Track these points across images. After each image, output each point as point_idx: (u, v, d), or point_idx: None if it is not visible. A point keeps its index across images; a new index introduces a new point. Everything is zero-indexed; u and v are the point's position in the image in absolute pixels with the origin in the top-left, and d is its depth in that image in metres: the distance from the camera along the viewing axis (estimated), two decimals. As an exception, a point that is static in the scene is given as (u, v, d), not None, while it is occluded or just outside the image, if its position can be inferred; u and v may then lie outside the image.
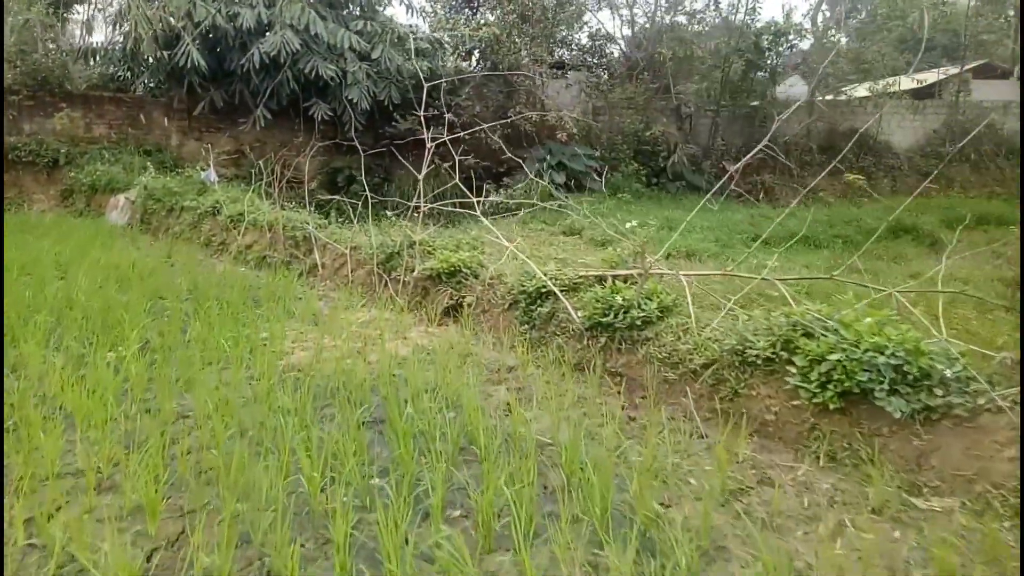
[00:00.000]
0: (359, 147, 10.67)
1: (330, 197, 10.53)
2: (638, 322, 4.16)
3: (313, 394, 3.87)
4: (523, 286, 5.13)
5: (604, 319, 4.30)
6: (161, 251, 9.01)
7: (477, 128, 15.20)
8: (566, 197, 14.49)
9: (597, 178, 15.64)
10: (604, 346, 4.32)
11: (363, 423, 3.67)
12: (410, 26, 15.99)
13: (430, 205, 7.10)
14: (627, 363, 4.19)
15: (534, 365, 4.59)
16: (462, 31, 14.80)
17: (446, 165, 15.55)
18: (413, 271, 6.19)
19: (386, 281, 6.39)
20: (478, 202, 11.13)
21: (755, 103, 16.56)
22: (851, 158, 16.63)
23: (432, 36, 16.01)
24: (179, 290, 6.61)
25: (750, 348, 3.58)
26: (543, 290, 4.96)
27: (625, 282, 4.87)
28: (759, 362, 3.54)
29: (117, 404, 3.75)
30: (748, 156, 5.73)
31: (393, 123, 14.85)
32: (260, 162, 10.59)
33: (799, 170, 16.40)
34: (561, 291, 4.85)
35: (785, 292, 4.10)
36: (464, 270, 5.84)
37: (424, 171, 7.07)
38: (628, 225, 6.39)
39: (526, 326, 5.01)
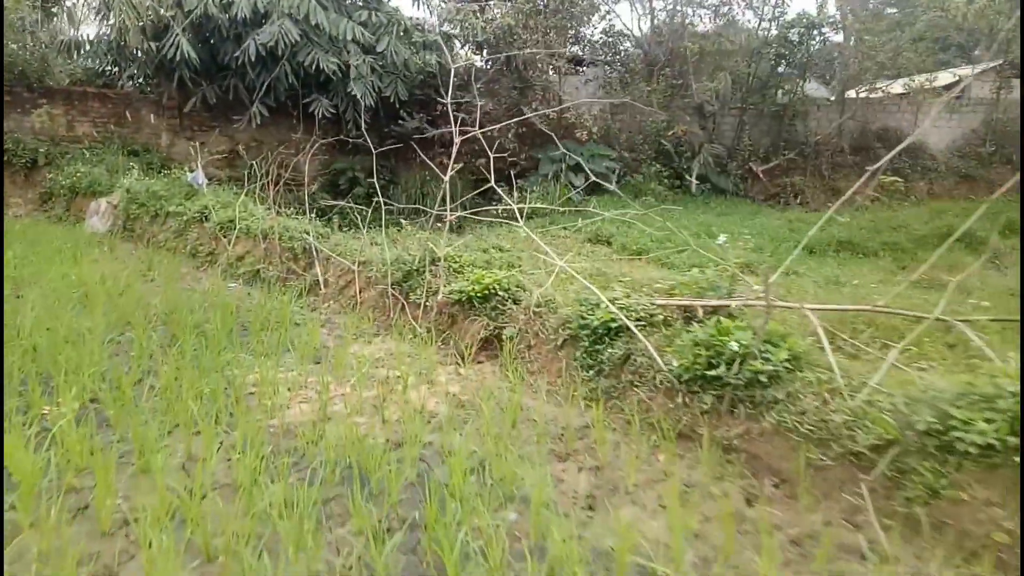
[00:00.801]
0: (370, 145, 9.49)
1: (333, 203, 9.35)
2: (762, 377, 2.99)
3: (318, 479, 2.69)
4: (584, 318, 3.95)
5: (711, 371, 3.13)
6: (141, 263, 7.82)
7: (493, 127, 14.06)
8: (585, 200, 13.35)
9: (616, 180, 14.46)
10: (711, 408, 3.15)
11: (388, 529, 2.49)
12: (416, 19, 14.81)
13: (457, 214, 5.87)
14: (746, 434, 3.03)
15: (608, 427, 3.42)
16: (472, 22, 13.61)
17: (457, 167, 14.41)
18: (436, 293, 5.01)
19: (402, 304, 5.21)
20: (499, 209, 10.01)
21: (783, 101, 15.40)
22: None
23: (441, 29, 14.84)
24: (154, 314, 5.42)
25: (956, 429, 2.42)
26: (612, 324, 3.78)
27: (715, 313, 3.70)
28: (973, 451, 2.37)
29: (30, 503, 2.57)
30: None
31: (400, 121, 13.66)
32: (255, 163, 9.39)
33: (830, 172, 15.24)
34: (637, 326, 3.67)
35: (974, 338, 2.93)
36: (501, 293, 4.66)
37: (450, 172, 5.87)
38: (719, 240, 5.19)
39: (590, 371, 3.83)
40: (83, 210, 11.08)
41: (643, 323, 3.71)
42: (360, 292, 5.64)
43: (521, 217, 12.67)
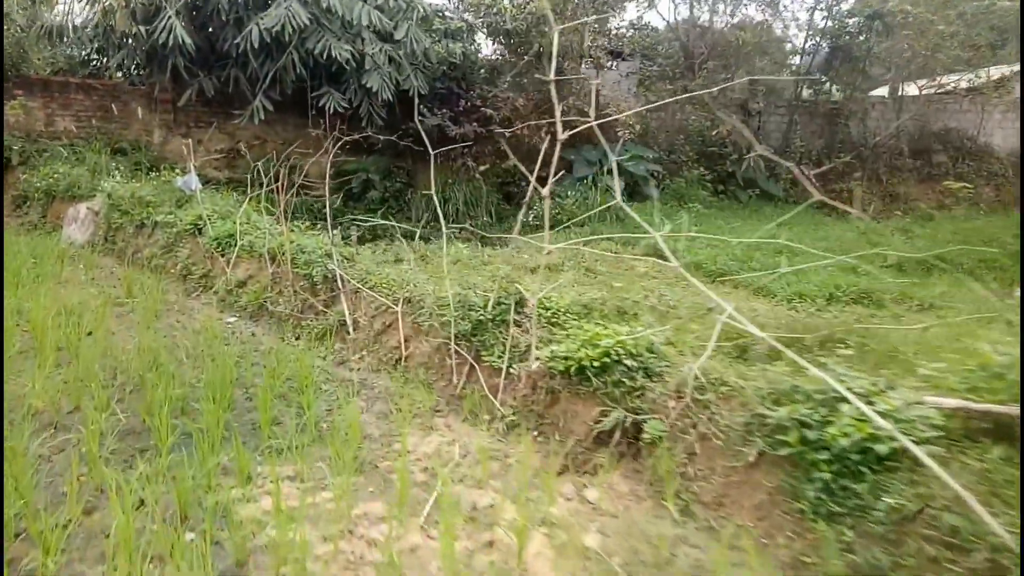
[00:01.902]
0: (397, 142, 7.93)
1: (365, 219, 7.83)
2: None
3: None
4: (810, 426, 2.38)
5: None
6: (120, 286, 6.25)
7: (523, 124, 12.49)
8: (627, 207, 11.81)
9: (656, 184, 12.92)
10: None
11: None
12: (436, 5, 13.21)
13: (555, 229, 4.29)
14: None
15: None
16: (501, 7, 12.04)
17: (482, 168, 12.87)
18: (526, 356, 3.44)
19: (470, 365, 3.66)
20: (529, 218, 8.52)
21: (837, 99, 13.88)
22: (948, 163, 13.98)
23: (463, 17, 13.26)
24: (122, 375, 3.87)
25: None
26: (875, 444, 2.22)
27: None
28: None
29: None
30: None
31: (420, 117, 12.05)
32: (259, 164, 7.81)
33: (888, 176, 13.73)
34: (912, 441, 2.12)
35: None
36: (628, 363, 3.11)
37: (551, 181, 4.31)
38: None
39: (834, 523, 2.26)
40: (60, 217, 9.50)
41: (913, 439, 2.17)
42: (405, 342, 4.09)
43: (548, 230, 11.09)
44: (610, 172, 12.14)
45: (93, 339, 4.62)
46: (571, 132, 3.92)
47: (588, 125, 3.86)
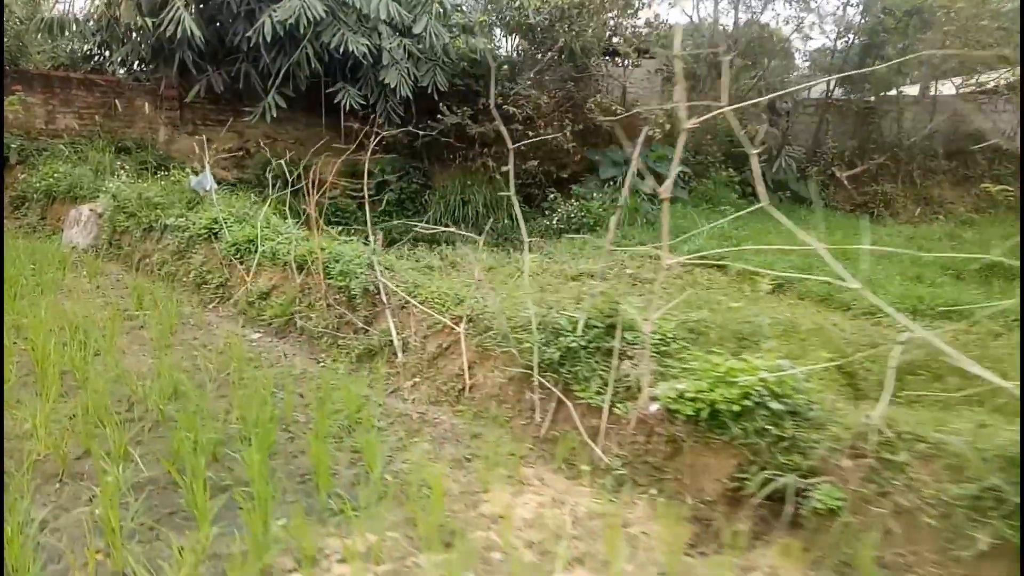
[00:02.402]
0: (410, 141, 7.33)
1: (433, 226, 7.25)
2: None
3: None
4: None
5: None
6: (128, 296, 5.62)
7: (546, 123, 11.87)
8: (657, 210, 11.19)
9: (683, 186, 12.32)
10: None
11: None
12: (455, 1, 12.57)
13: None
14: None
15: None
16: (524, 0, 11.42)
17: (504, 169, 12.21)
18: (637, 395, 2.81)
19: (557, 398, 3.03)
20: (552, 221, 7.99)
21: (872, 97, 13.29)
22: (983, 164, 13.40)
23: (485, 8, 12.63)
24: (139, 398, 3.26)
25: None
26: None
27: None
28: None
29: None
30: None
31: (439, 116, 11.45)
32: (273, 164, 7.18)
33: (923, 179, 13.15)
34: None
35: None
36: (772, 405, 2.49)
37: (670, 180, 3.68)
38: None
39: None
40: (61, 219, 8.86)
41: None
42: (469, 369, 3.46)
43: (555, 232, 10.49)
44: (639, 174, 11.51)
45: (102, 362, 3.98)
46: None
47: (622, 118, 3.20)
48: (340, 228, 11.00)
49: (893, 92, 13.08)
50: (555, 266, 7.76)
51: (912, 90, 14.41)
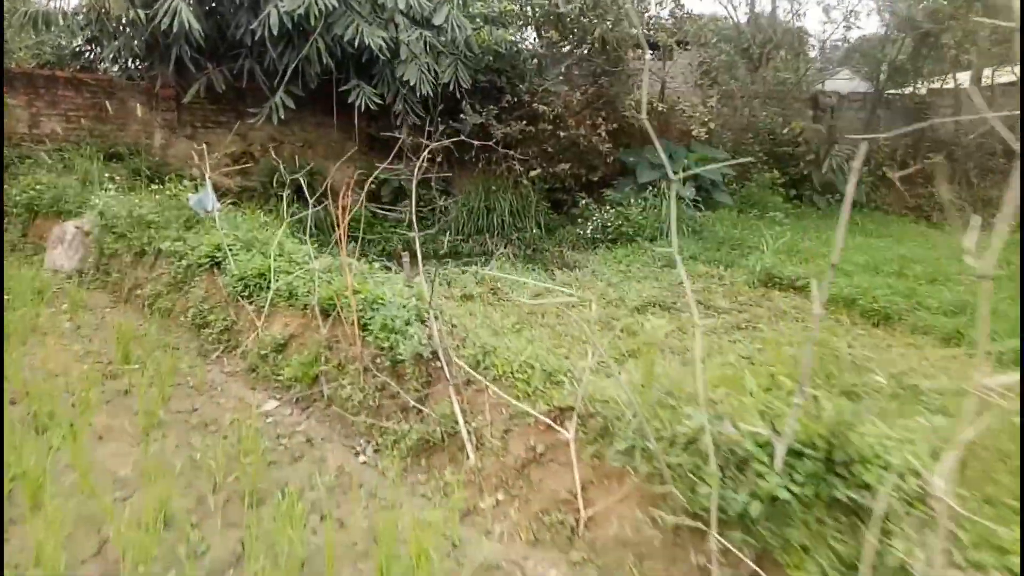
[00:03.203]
0: (427, 143, 6.27)
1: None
2: None
3: None
4: None
5: None
6: (113, 341, 4.55)
7: (574, 121, 10.75)
8: (703, 216, 10.12)
9: (724, 189, 11.23)
10: None
11: None
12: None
13: None
14: None
15: None
16: (554, -11, 10.30)
17: (534, 173, 11.14)
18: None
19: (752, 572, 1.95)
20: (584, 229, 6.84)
21: (924, 90, 12.17)
22: (1046, 163, 12.22)
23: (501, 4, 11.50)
24: (114, 532, 2.19)
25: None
26: None
27: None
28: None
29: None
30: None
31: (461, 115, 10.34)
32: (299, 178, 6.11)
33: (980, 179, 12.04)
34: None
35: None
36: None
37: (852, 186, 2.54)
38: None
39: None
40: (44, 237, 7.76)
41: None
42: (583, 492, 2.37)
43: (586, 245, 9.34)
44: (682, 177, 10.40)
45: (67, 459, 2.91)
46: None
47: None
48: (353, 244, 9.94)
49: (950, 84, 11.95)
50: (600, 285, 6.68)
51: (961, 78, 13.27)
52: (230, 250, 5.08)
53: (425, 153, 4.58)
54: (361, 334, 3.62)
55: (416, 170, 3.98)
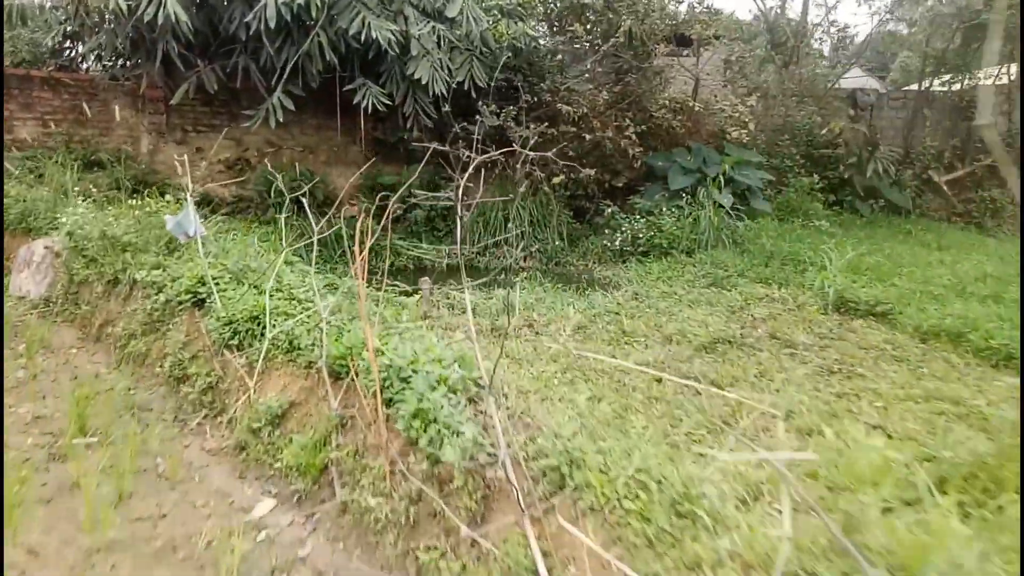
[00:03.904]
0: (439, 148, 5.26)
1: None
2: None
3: None
4: None
5: None
6: (71, 399, 3.56)
7: (598, 122, 9.75)
8: (744, 227, 9.14)
9: (762, 195, 10.24)
10: None
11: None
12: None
13: None
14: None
15: None
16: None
17: (557, 179, 10.16)
18: None
19: None
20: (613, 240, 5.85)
21: (975, 85, 11.19)
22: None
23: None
24: None
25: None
26: None
27: None
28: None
29: None
30: None
31: (476, 117, 9.34)
32: (301, 191, 5.15)
33: (1033, 182, 11.03)
34: None
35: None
36: None
37: None
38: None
39: None
40: (11, 257, 6.78)
41: None
42: None
43: (611, 258, 8.34)
44: (720, 183, 9.42)
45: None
46: None
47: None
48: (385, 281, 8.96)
49: (1004, 80, 10.96)
50: (649, 312, 5.70)
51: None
52: (217, 284, 4.09)
53: (470, 168, 3.61)
54: (387, 412, 2.64)
55: (457, 189, 3.00)
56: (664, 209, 9.29)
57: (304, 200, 4.41)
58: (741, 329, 5.32)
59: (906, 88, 12.17)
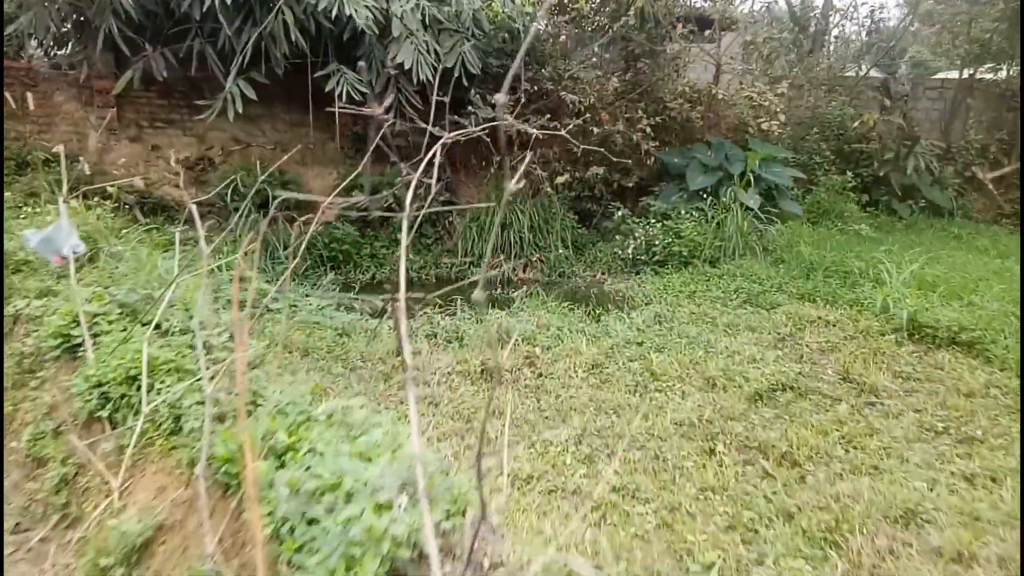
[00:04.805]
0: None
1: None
2: None
3: None
4: None
5: None
6: None
7: (604, 116, 8.58)
8: (775, 231, 7.99)
9: (790, 195, 9.06)
10: None
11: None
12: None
13: None
14: None
15: None
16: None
17: (561, 179, 8.98)
18: None
19: None
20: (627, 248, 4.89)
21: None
22: None
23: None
24: None
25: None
26: None
27: None
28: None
29: None
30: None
31: (468, 107, 8.21)
32: (279, 192, 3.99)
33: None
34: None
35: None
36: None
37: None
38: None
39: None
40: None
41: None
42: None
43: (623, 268, 7.30)
44: (746, 182, 8.25)
45: None
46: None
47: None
48: (335, 270, 7.78)
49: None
50: (681, 343, 4.53)
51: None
52: (97, 324, 2.93)
53: (434, 152, 2.42)
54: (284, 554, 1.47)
55: (408, 186, 1.83)
56: (682, 212, 8.13)
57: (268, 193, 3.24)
58: (800, 366, 4.15)
59: (942, 76, 10.98)
